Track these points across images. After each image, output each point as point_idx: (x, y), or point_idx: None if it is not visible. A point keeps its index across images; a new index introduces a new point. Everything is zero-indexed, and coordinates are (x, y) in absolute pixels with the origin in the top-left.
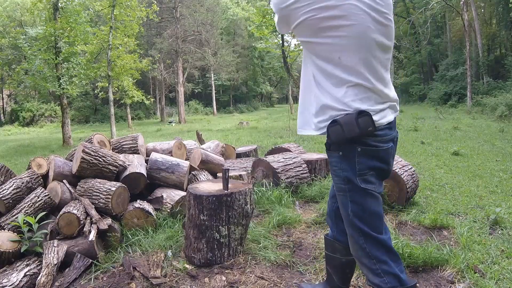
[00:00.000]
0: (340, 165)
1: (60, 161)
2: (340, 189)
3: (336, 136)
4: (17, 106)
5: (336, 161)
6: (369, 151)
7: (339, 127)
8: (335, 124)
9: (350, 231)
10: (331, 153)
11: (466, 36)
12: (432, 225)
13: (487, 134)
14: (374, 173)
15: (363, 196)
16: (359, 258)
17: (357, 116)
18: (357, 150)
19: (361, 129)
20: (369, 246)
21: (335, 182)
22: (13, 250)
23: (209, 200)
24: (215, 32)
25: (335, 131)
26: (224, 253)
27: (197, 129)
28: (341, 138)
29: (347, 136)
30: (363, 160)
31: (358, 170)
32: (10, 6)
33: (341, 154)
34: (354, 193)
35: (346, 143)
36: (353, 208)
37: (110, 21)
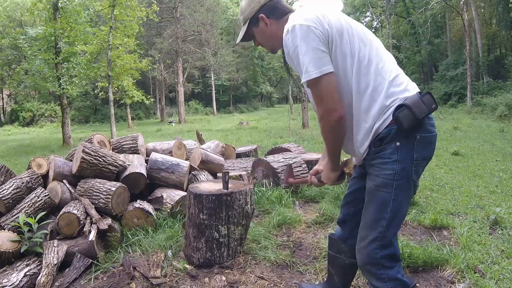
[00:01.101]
0: (396, 156)
1: (60, 161)
2: (386, 185)
3: (409, 120)
4: (17, 106)
5: (391, 152)
6: (426, 138)
7: (407, 111)
8: (403, 108)
9: (368, 235)
10: (385, 146)
11: (466, 36)
12: (432, 225)
13: (487, 134)
14: (425, 164)
15: (407, 192)
16: (364, 264)
17: (420, 95)
18: (416, 137)
19: (428, 107)
20: (382, 253)
21: (379, 177)
22: (13, 250)
23: (209, 199)
24: (215, 32)
25: (406, 116)
26: (223, 253)
27: (197, 129)
28: (413, 121)
29: (419, 117)
30: (420, 148)
31: (415, 160)
32: (10, 6)
33: (399, 145)
34: (401, 190)
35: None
36: (394, 207)
37: (110, 21)
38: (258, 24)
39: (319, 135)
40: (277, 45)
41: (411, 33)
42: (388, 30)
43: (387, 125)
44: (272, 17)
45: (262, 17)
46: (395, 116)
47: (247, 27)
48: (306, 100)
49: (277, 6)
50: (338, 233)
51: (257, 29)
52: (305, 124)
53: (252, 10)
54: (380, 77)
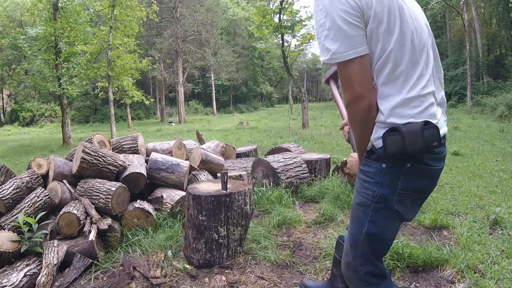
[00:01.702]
0: (378, 178)
1: (60, 161)
2: (363, 204)
3: (394, 147)
4: (17, 106)
5: (374, 173)
6: (419, 170)
7: (399, 137)
8: (396, 133)
9: (351, 250)
10: (370, 162)
11: (466, 36)
12: (432, 225)
13: (487, 134)
14: (416, 196)
15: (389, 219)
16: (350, 278)
17: (423, 126)
18: (406, 166)
19: (426, 143)
20: (366, 270)
21: (360, 194)
22: (13, 250)
23: (208, 200)
24: (215, 32)
25: (394, 141)
26: (223, 254)
27: (197, 129)
28: (400, 151)
29: (408, 149)
30: (409, 178)
31: (400, 189)
32: (10, 6)
33: (384, 167)
34: (380, 214)
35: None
36: (370, 229)
37: (110, 21)
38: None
39: (319, 135)
40: None
41: None
42: None
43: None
44: None
45: None
46: (383, 137)
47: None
48: (306, 100)
49: None
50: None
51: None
52: (305, 124)
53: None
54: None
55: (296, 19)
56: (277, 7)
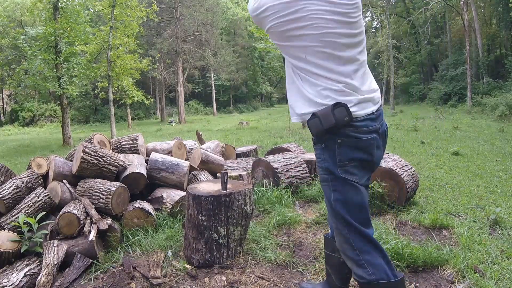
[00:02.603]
0: (322, 156)
1: (60, 161)
2: (323, 179)
3: (316, 128)
4: (17, 106)
5: (320, 152)
6: (348, 142)
7: (317, 120)
8: (314, 117)
9: (334, 221)
10: (316, 145)
11: (466, 36)
12: (432, 225)
13: (487, 134)
14: (356, 164)
15: (344, 186)
16: (344, 251)
17: (333, 107)
18: (337, 141)
19: (337, 120)
20: (352, 237)
21: (320, 173)
22: (13, 250)
23: (208, 200)
24: (215, 32)
25: (314, 124)
26: (223, 254)
27: (197, 129)
28: (320, 130)
29: (324, 127)
30: (343, 150)
31: (339, 161)
32: (10, 6)
33: (324, 146)
34: (336, 183)
35: (325, 134)
36: (336, 196)
37: (110, 21)
38: None
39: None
40: None
41: (411, 33)
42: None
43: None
44: None
45: None
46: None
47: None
48: None
49: None
50: (330, 232)
51: None
52: (305, 124)
53: None
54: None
55: None
56: None
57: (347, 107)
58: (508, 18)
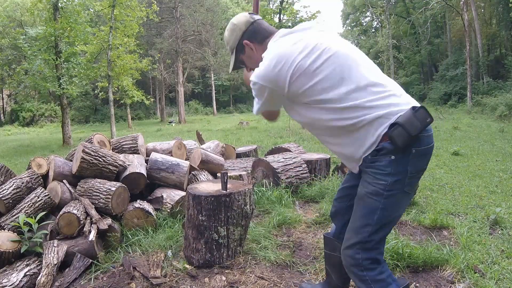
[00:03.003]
0: (389, 169)
1: (60, 161)
2: (376, 193)
3: (402, 139)
4: (17, 106)
5: (385, 165)
6: (422, 151)
7: (400, 129)
8: (396, 126)
9: (353, 236)
10: (379, 158)
11: (466, 36)
12: (432, 225)
13: (487, 134)
14: (420, 175)
15: (400, 201)
16: (349, 266)
17: (412, 110)
18: (412, 152)
19: (421, 123)
20: (363, 257)
21: (371, 185)
22: (13, 250)
23: (208, 200)
24: (215, 32)
25: (399, 134)
26: (223, 254)
27: (197, 129)
28: (407, 139)
29: (412, 134)
30: (415, 161)
31: (410, 173)
32: (10, 6)
33: (393, 159)
34: (392, 199)
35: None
36: (382, 216)
37: (110, 21)
38: (244, 50)
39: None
40: None
41: (411, 33)
42: (388, 30)
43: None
44: (255, 41)
45: (246, 43)
46: (389, 135)
47: (235, 55)
48: None
49: (258, 30)
50: (332, 231)
51: (244, 55)
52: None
53: (236, 38)
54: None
55: (296, 19)
56: (277, 7)
57: (425, 108)
58: (508, 18)
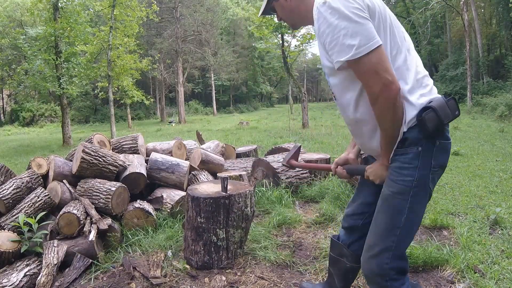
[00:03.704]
0: (417, 162)
1: (60, 161)
2: (402, 191)
3: (434, 123)
4: (17, 106)
5: (412, 157)
6: (445, 145)
7: (433, 113)
8: (430, 110)
9: (379, 243)
10: (407, 149)
11: (466, 36)
12: (432, 225)
13: (487, 134)
14: (441, 172)
15: (424, 200)
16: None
17: (446, 99)
18: (436, 144)
19: (452, 113)
20: (392, 265)
21: (397, 183)
22: (13, 250)
23: (207, 202)
24: (215, 32)
25: (431, 118)
26: (221, 256)
27: (197, 129)
28: (438, 125)
29: (444, 121)
30: (438, 155)
31: (433, 167)
32: (10, 6)
33: (420, 150)
34: (418, 198)
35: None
36: (409, 217)
37: (110, 21)
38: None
39: (319, 135)
40: (298, 21)
41: (411, 33)
42: None
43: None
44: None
45: None
46: (420, 118)
47: (267, 1)
48: (306, 100)
49: None
50: (342, 237)
51: (277, 3)
52: (305, 124)
53: None
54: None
55: None
56: None
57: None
58: (508, 18)
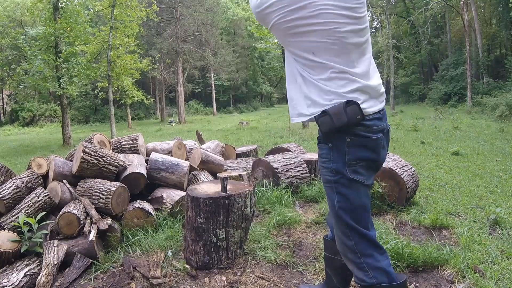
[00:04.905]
0: (330, 156)
1: (60, 161)
2: (327, 181)
3: (326, 126)
4: (17, 106)
5: (326, 152)
6: (358, 141)
7: (327, 117)
8: (325, 114)
9: (336, 223)
10: (321, 145)
11: (466, 36)
12: (432, 225)
13: (487, 134)
14: (364, 164)
15: (350, 187)
16: (345, 253)
17: (345, 105)
18: (347, 140)
19: (349, 118)
20: (355, 240)
21: (323, 174)
22: (13, 250)
23: (206, 202)
24: (215, 32)
25: (324, 122)
26: (221, 257)
27: (197, 129)
28: (331, 128)
29: (336, 125)
30: (353, 150)
31: (348, 161)
32: (10, 6)
33: (331, 146)
34: (341, 184)
35: (335, 133)
36: (339, 199)
37: (110, 21)
38: None
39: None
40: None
41: (411, 33)
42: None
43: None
44: None
45: None
46: (316, 119)
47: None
48: None
49: None
50: (331, 234)
51: None
52: (305, 124)
53: None
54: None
55: None
56: None
57: (359, 105)
58: (508, 18)
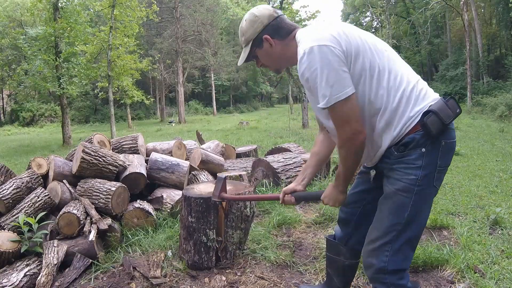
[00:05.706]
0: (421, 162)
1: (60, 161)
2: (405, 189)
3: (436, 126)
4: (17, 106)
5: (416, 158)
6: (449, 145)
7: (434, 117)
8: (430, 114)
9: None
10: (411, 151)
11: (466, 36)
12: (432, 225)
13: (487, 134)
14: (445, 171)
15: (429, 198)
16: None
17: (445, 100)
18: (442, 144)
19: (453, 112)
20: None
21: (401, 181)
22: (13, 250)
23: (197, 202)
24: (215, 32)
25: (433, 122)
26: (211, 257)
27: (197, 129)
28: (441, 127)
29: (446, 122)
30: (444, 154)
31: (439, 167)
32: (10, 6)
33: (424, 151)
34: (422, 195)
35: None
36: (412, 213)
37: (110, 21)
38: (262, 45)
39: None
40: (283, 65)
41: (411, 33)
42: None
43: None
44: (277, 37)
45: (267, 38)
46: (422, 123)
47: (250, 49)
48: (306, 100)
49: (281, 25)
50: (338, 235)
51: (261, 50)
52: (305, 124)
53: (255, 31)
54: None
55: (296, 19)
56: (277, 7)
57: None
58: (508, 18)
